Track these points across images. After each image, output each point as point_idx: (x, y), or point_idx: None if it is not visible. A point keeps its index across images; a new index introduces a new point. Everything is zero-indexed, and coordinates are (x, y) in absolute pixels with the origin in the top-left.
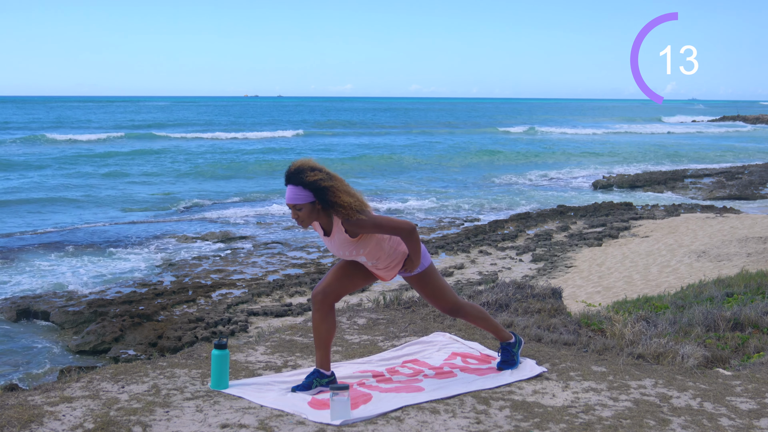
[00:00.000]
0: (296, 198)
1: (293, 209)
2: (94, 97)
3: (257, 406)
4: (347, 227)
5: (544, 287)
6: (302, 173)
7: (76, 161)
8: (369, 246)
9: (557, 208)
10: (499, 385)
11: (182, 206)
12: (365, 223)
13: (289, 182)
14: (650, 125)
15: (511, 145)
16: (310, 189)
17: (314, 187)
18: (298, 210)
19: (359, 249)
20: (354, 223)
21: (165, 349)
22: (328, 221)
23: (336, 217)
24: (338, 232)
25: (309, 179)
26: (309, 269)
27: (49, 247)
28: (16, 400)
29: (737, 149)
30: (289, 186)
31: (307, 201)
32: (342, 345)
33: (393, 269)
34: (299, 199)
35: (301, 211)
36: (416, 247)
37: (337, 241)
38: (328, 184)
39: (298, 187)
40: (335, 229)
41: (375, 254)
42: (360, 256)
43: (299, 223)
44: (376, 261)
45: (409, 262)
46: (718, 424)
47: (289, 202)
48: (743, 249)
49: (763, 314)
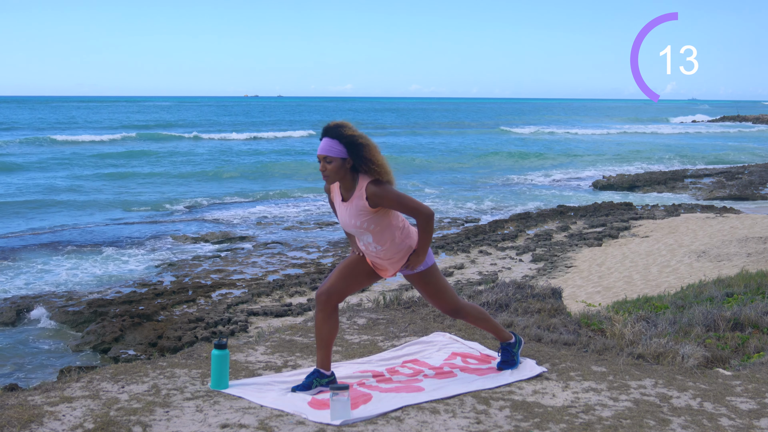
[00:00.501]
0: (329, 150)
1: (323, 161)
2: (94, 97)
3: (257, 406)
4: (371, 192)
5: (544, 287)
6: (342, 128)
7: (85, 161)
8: (381, 225)
9: (557, 208)
10: (499, 385)
11: (184, 206)
12: (390, 192)
13: (326, 135)
14: (664, 125)
15: (530, 146)
16: (346, 144)
17: (351, 141)
18: (328, 162)
19: (371, 223)
20: (380, 189)
21: (165, 349)
22: (352, 185)
23: (361, 181)
24: (358, 198)
25: (347, 133)
26: (309, 269)
27: (50, 247)
28: (16, 400)
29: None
30: (325, 138)
31: (339, 156)
32: (342, 345)
33: (396, 263)
34: (332, 152)
35: (331, 165)
36: (427, 237)
37: (353, 208)
38: (365, 141)
39: (334, 140)
40: (356, 194)
41: (383, 237)
42: (368, 233)
43: (325, 177)
44: (380, 246)
45: (414, 256)
46: (718, 424)
47: (321, 153)
48: (743, 249)
49: (763, 314)
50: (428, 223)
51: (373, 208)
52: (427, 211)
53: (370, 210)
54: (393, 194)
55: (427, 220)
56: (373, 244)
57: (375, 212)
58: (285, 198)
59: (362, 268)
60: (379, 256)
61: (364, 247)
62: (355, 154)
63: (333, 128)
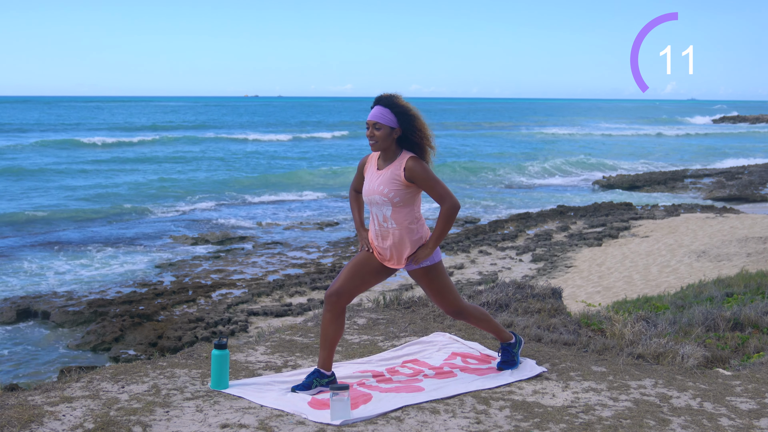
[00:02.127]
0: (381, 117)
1: (372, 127)
2: (95, 97)
3: (257, 406)
4: (410, 166)
5: (544, 287)
6: (395, 98)
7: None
8: (404, 200)
9: (557, 208)
10: (499, 385)
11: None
12: (427, 171)
13: (379, 103)
14: (683, 126)
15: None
16: (397, 113)
17: (403, 111)
18: (377, 129)
19: (397, 195)
20: (419, 165)
21: (165, 349)
22: (393, 156)
23: (403, 154)
24: (395, 167)
25: (400, 103)
26: (309, 269)
27: (50, 247)
28: (16, 400)
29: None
30: (377, 106)
31: (389, 124)
32: (342, 345)
33: (404, 250)
34: (383, 119)
35: (379, 131)
36: (445, 227)
37: (387, 174)
38: (416, 113)
39: (386, 109)
40: (395, 164)
41: (400, 215)
42: (388, 205)
43: (372, 144)
44: (394, 224)
45: (423, 248)
46: (718, 424)
47: (371, 119)
48: (743, 249)
49: (763, 314)
50: (452, 213)
51: (407, 181)
52: (455, 200)
53: (402, 181)
54: (429, 174)
55: (452, 210)
56: (390, 219)
57: (406, 187)
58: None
59: (371, 266)
60: (389, 237)
61: (377, 227)
62: (407, 123)
63: (386, 98)
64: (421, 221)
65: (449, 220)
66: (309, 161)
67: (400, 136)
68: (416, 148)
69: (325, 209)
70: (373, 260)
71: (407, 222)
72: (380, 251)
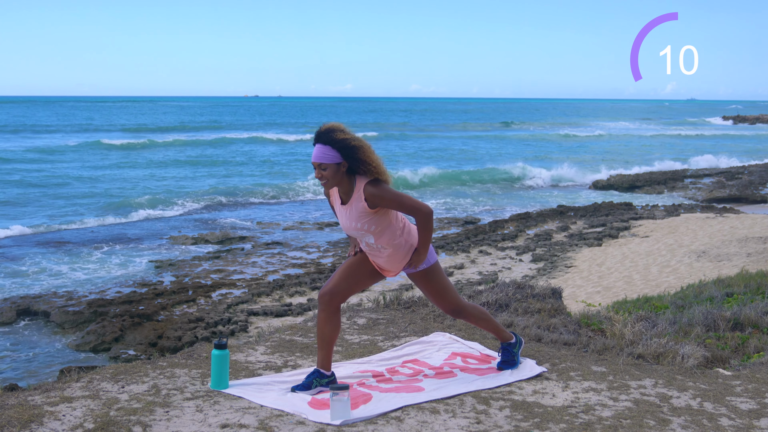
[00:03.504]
0: (323, 157)
1: (318, 168)
2: (96, 97)
3: (257, 406)
4: (369, 193)
5: (544, 287)
6: (332, 132)
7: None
8: (381, 225)
9: (557, 208)
10: (499, 385)
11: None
12: (388, 192)
13: (318, 141)
14: (707, 126)
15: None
16: (339, 148)
17: (343, 145)
18: (323, 170)
19: (372, 224)
20: (377, 189)
21: (165, 349)
22: (349, 188)
23: (358, 183)
24: (357, 201)
25: (338, 137)
26: (309, 269)
27: (49, 247)
28: (16, 400)
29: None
30: (318, 145)
31: (334, 161)
32: (342, 345)
33: (399, 262)
34: (326, 159)
35: (326, 171)
36: (427, 235)
37: (353, 210)
38: (358, 143)
39: (326, 146)
40: (355, 196)
41: (384, 238)
42: (369, 234)
43: (323, 184)
44: (382, 246)
45: (416, 255)
46: (718, 424)
47: (315, 161)
48: (743, 249)
49: (763, 314)
50: (427, 221)
51: (373, 209)
52: (426, 209)
53: (369, 211)
54: (391, 193)
55: (426, 218)
56: (375, 245)
57: (375, 213)
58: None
59: (365, 268)
60: (382, 256)
61: (366, 248)
62: (350, 157)
63: (324, 134)
64: (407, 228)
65: (427, 227)
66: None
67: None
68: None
69: (325, 209)
70: (367, 262)
71: (393, 239)
72: (376, 265)
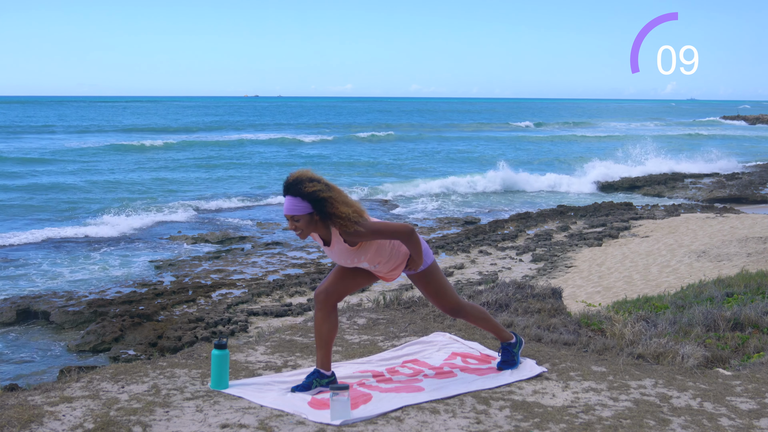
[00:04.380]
0: (294, 209)
1: (291, 220)
2: (97, 97)
3: (257, 406)
4: (345, 237)
5: (544, 287)
6: (300, 184)
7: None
8: (369, 253)
9: (557, 208)
10: (499, 385)
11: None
12: (363, 233)
13: (288, 193)
14: (725, 127)
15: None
16: (309, 200)
17: (312, 198)
18: (296, 221)
19: (360, 257)
20: (352, 234)
21: (165, 349)
22: (327, 232)
23: (334, 228)
24: (338, 242)
25: (307, 190)
26: (309, 269)
27: (49, 247)
28: (16, 400)
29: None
30: (288, 197)
31: (305, 212)
32: (342, 345)
33: (396, 270)
34: (297, 210)
35: (299, 222)
36: (417, 249)
37: (337, 250)
38: (327, 195)
39: (296, 198)
40: (334, 239)
41: (376, 259)
42: (362, 263)
43: (298, 234)
44: (378, 265)
45: (412, 262)
46: (718, 424)
47: (287, 213)
48: (743, 249)
49: (763, 314)
50: (411, 239)
51: (354, 247)
52: (405, 229)
53: (352, 249)
54: (368, 230)
55: (409, 237)
56: (370, 267)
57: (358, 248)
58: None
59: (361, 269)
60: (379, 270)
61: (363, 267)
62: (320, 210)
63: (293, 186)
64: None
65: (414, 242)
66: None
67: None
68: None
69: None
70: None
71: (385, 255)
72: (375, 273)
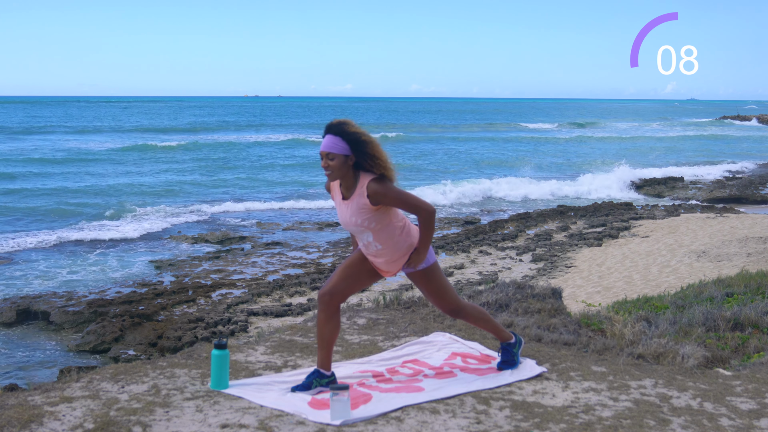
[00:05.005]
0: (332, 147)
1: (325, 158)
2: (97, 97)
3: (257, 406)
4: (373, 190)
5: (544, 287)
6: (344, 125)
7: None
8: (381, 223)
9: (557, 208)
10: (499, 385)
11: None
12: (391, 190)
13: (329, 132)
14: (741, 127)
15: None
16: (349, 141)
17: (354, 138)
18: (330, 159)
19: (372, 221)
20: (381, 186)
21: (165, 349)
22: (353, 183)
23: (362, 179)
24: (359, 196)
25: (350, 130)
26: (309, 269)
27: (49, 247)
28: (16, 400)
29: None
30: (328, 135)
31: (342, 152)
32: (342, 345)
33: (397, 262)
34: (335, 149)
35: (333, 162)
36: (429, 234)
37: (354, 205)
38: (368, 138)
39: (336, 137)
40: (357, 192)
41: (383, 236)
42: (368, 232)
43: (327, 174)
44: (380, 245)
45: (415, 254)
46: (718, 424)
47: (323, 150)
48: (743, 249)
49: (763, 314)
50: (430, 221)
51: (374, 206)
52: (429, 207)
53: (371, 208)
54: (394, 191)
55: (429, 217)
56: (373, 243)
57: (376, 210)
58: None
59: (364, 268)
60: (380, 255)
61: (364, 247)
62: (359, 151)
63: (336, 126)
64: (407, 227)
65: (429, 226)
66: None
67: (356, 161)
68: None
69: (324, 208)
70: (366, 262)
71: (392, 238)
72: (374, 264)
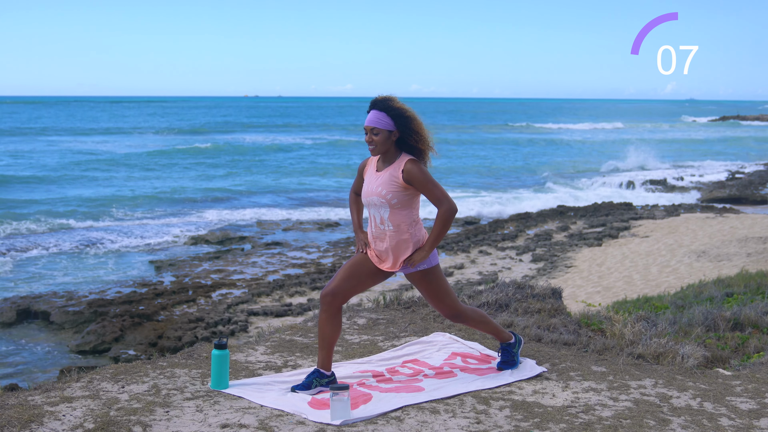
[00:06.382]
0: (377, 122)
1: (370, 133)
2: (98, 97)
3: (257, 406)
4: (408, 168)
5: (544, 287)
6: (389, 101)
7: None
8: (401, 203)
9: (557, 208)
10: (499, 385)
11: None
12: (425, 174)
13: (374, 107)
14: (760, 127)
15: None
16: (394, 116)
17: (399, 114)
18: (375, 134)
19: (395, 197)
20: (417, 167)
21: (165, 349)
22: (393, 158)
23: (402, 156)
24: (394, 169)
25: (395, 105)
26: (309, 269)
27: (49, 247)
28: (16, 400)
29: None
30: (373, 110)
31: (387, 128)
32: (342, 345)
33: (399, 253)
34: (379, 124)
35: (377, 137)
36: (442, 231)
37: (386, 176)
38: (412, 114)
39: (382, 113)
40: (393, 166)
41: (398, 217)
42: (386, 207)
43: (371, 149)
44: (391, 226)
45: (420, 251)
46: (718, 424)
47: (368, 125)
48: (743, 249)
49: (763, 314)
50: (449, 216)
51: (405, 183)
52: (452, 204)
53: (401, 183)
54: (427, 176)
55: (449, 213)
56: (387, 221)
57: (404, 188)
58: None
59: (366, 268)
60: (386, 238)
61: (374, 228)
62: (403, 126)
63: (381, 101)
64: (419, 225)
65: (446, 222)
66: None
67: (398, 138)
68: (415, 151)
69: (325, 210)
70: (368, 262)
71: (404, 225)
72: (377, 254)
